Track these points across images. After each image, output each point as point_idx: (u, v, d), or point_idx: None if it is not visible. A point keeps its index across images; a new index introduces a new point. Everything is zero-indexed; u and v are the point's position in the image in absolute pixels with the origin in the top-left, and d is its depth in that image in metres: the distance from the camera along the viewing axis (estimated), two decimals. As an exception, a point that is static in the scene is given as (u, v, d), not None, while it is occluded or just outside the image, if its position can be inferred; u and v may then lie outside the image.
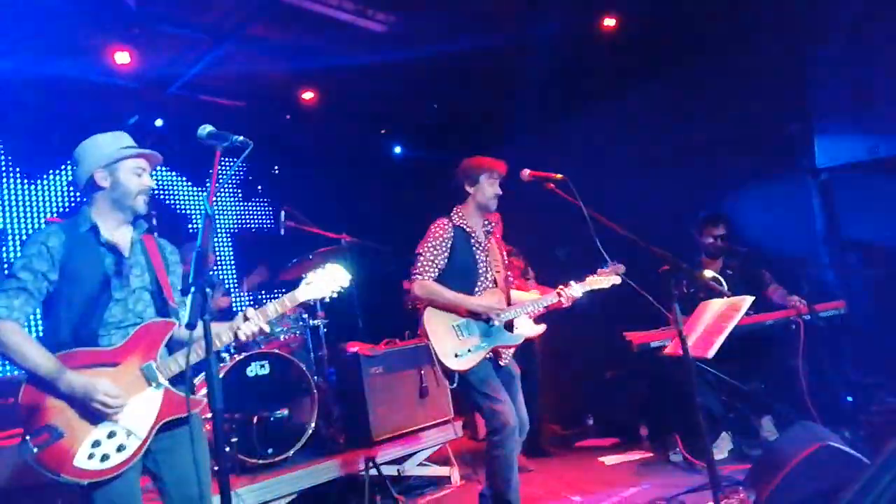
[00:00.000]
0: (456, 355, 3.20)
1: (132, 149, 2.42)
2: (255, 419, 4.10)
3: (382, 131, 7.23)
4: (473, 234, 3.43)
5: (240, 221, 7.12)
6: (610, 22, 5.09)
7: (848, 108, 4.61)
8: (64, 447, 2.10)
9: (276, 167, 7.13)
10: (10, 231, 5.44)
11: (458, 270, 3.33)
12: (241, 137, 2.19)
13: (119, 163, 2.37)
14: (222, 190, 6.86)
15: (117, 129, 5.60)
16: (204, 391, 4.02)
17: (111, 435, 2.18)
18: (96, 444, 2.15)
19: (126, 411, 2.20)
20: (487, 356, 3.30)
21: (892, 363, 4.26)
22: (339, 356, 4.93)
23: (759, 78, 4.98)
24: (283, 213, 5.06)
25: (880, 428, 3.63)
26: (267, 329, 2.44)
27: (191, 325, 1.84)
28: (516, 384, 3.44)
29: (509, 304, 3.46)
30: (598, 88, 5.80)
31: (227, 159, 2.24)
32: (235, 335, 2.37)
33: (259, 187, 7.27)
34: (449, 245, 3.33)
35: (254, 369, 4.27)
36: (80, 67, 5.03)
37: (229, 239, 6.99)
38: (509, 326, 3.39)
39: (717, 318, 3.13)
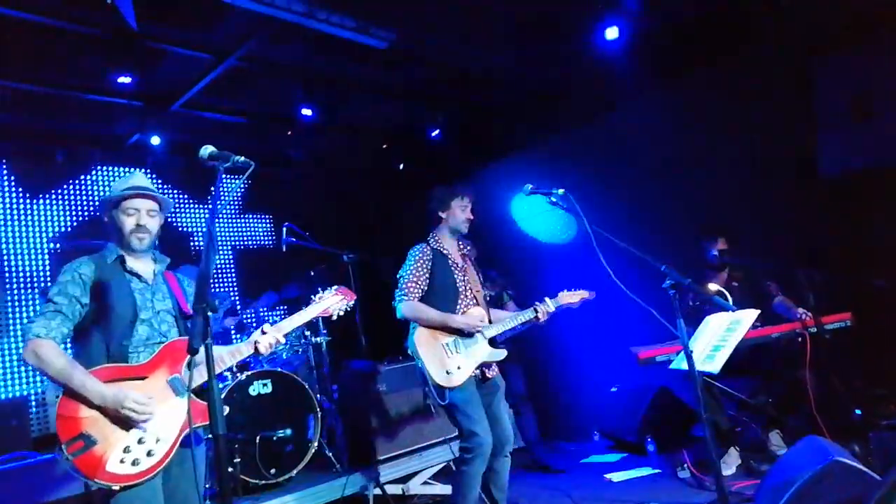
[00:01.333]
0: (447, 372, 3.37)
1: (126, 191, 2.56)
2: (257, 439, 4.08)
3: (384, 146, 7.24)
4: (450, 256, 3.63)
5: (241, 237, 7.12)
6: (612, 33, 5.07)
7: (852, 116, 4.60)
8: (97, 454, 2.25)
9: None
10: (11, 250, 5.44)
11: (439, 290, 3.52)
12: (243, 158, 2.25)
13: (120, 203, 2.56)
14: (224, 206, 6.86)
15: (117, 147, 5.58)
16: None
17: (141, 441, 2.32)
18: (127, 449, 2.29)
19: (155, 419, 2.35)
20: (475, 372, 3.46)
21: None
22: (342, 374, 4.90)
23: (763, 87, 4.96)
24: (284, 229, 5.05)
25: (890, 441, 3.57)
26: (283, 340, 2.67)
27: (193, 349, 1.86)
28: (500, 395, 3.61)
29: (490, 321, 3.62)
30: (600, 99, 5.79)
31: (229, 177, 2.27)
32: (255, 348, 2.58)
33: (260, 203, 7.27)
34: (429, 267, 3.53)
35: (256, 388, 4.25)
36: (82, 87, 5.05)
37: (231, 254, 6.98)
38: (493, 343, 3.56)
39: (722, 333, 3.10)
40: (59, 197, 5.83)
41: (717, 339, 3.19)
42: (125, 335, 2.45)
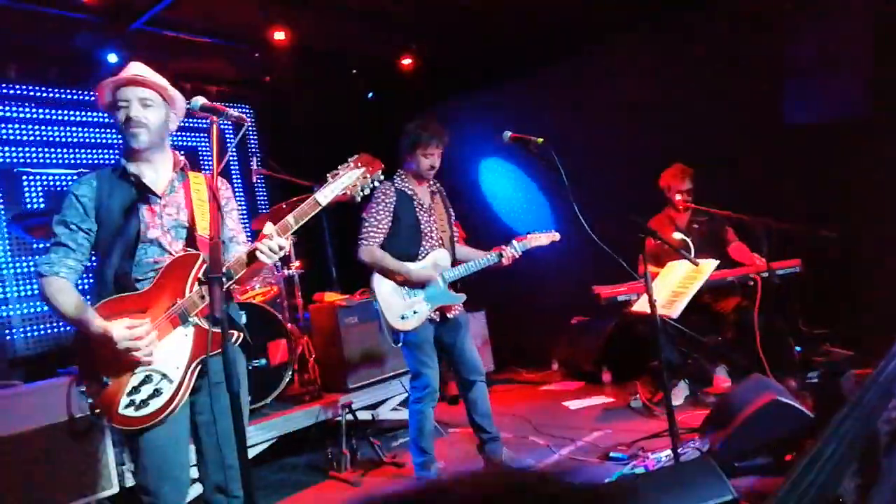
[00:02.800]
0: (402, 317, 3.40)
1: (111, 82, 2.20)
2: (232, 367, 4.18)
3: (353, 71, 7.06)
4: (416, 197, 3.54)
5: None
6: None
7: (818, 68, 4.70)
8: (109, 395, 2.13)
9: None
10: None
11: (403, 233, 3.47)
12: (237, 113, 2.11)
13: (117, 97, 2.22)
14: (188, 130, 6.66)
15: (76, 63, 5.28)
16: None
17: (146, 380, 2.14)
18: (134, 391, 2.13)
19: (158, 354, 2.14)
20: (432, 315, 3.47)
21: (838, 315, 4.54)
22: (314, 306, 5.00)
23: (735, 33, 5.02)
24: (254, 160, 5.00)
25: (824, 376, 3.89)
26: (287, 244, 2.21)
27: (214, 318, 1.82)
28: (465, 331, 3.63)
29: (454, 262, 3.60)
30: (579, 36, 5.76)
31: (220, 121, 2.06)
32: (256, 255, 2.17)
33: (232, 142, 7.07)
34: (392, 209, 3.44)
35: (230, 319, 4.32)
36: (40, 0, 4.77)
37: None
38: (453, 286, 3.56)
39: (683, 280, 3.29)
40: (13, 112, 5.58)
41: (677, 285, 3.39)
42: (133, 260, 2.18)
